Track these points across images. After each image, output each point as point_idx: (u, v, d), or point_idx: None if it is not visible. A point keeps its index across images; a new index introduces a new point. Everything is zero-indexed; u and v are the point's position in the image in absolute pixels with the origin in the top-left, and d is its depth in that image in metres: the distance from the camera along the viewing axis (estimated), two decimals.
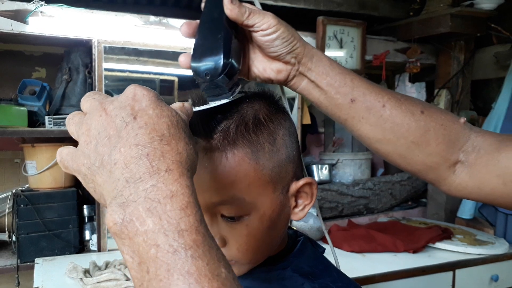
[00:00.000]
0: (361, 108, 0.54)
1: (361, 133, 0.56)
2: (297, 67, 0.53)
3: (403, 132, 0.54)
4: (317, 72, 0.53)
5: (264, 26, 0.50)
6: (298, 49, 0.52)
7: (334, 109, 0.55)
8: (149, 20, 1.74)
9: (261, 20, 0.49)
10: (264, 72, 0.54)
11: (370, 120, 0.54)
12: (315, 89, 0.55)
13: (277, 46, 0.51)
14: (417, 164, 0.56)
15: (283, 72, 0.54)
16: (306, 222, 1.90)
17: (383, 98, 0.54)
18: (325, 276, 0.54)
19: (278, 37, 0.50)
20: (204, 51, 0.48)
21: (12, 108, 1.57)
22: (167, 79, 2.22)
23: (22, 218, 1.60)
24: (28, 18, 1.53)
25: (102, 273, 1.38)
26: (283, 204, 0.51)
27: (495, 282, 1.80)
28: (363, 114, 0.54)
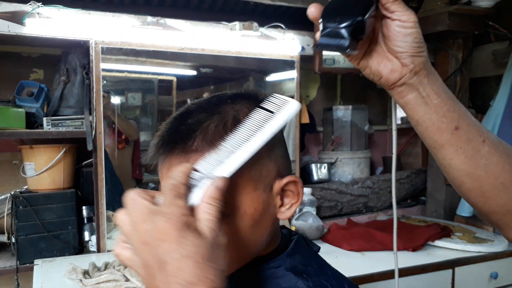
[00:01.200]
0: (463, 138, 0.52)
1: (453, 163, 0.54)
2: (412, 75, 0.51)
3: (496, 171, 0.53)
4: (430, 90, 0.51)
5: (404, 18, 0.48)
6: (421, 58, 0.50)
7: (434, 132, 0.53)
8: (146, 20, 1.74)
9: (404, 10, 0.48)
10: (378, 64, 0.52)
11: (467, 152, 0.53)
12: (422, 105, 0.52)
13: (407, 42, 0.49)
14: (497, 206, 0.55)
15: (396, 73, 0.52)
16: (305, 221, 1.90)
17: (484, 134, 0.53)
18: (319, 275, 0.54)
19: (411, 34, 0.49)
20: (343, 6, 0.48)
21: (10, 109, 1.57)
22: (165, 79, 2.22)
23: (21, 220, 1.60)
24: (25, 19, 1.53)
25: (101, 274, 1.39)
26: (267, 202, 0.51)
27: (495, 280, 1.81)
28: (462, 145, 0.52)
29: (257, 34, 1.92)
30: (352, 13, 0.46)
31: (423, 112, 0.53)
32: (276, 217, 0.54)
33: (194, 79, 2.24)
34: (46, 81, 1.80)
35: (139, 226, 0.40)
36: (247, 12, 2.05)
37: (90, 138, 1.65)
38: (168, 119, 0.53)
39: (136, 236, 0.40)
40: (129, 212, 0.41)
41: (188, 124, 0.50)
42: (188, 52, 1.86)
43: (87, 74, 1.71)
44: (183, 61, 2.10)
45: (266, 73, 2.26)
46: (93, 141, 1.65)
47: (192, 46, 1.84)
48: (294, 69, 2.07)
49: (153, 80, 2.20)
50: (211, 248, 0.39)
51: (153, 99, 2.24)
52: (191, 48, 1.85)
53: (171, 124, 0.52)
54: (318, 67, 2.05)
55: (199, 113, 0.51)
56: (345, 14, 0.47)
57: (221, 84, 2.38)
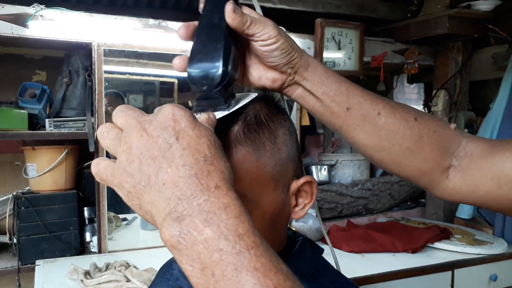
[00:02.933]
0: (357, 116, 0.54)
1: (356, 140, 0.56)
2: (293, 77, 0.54)
3: (398, 139, 0.55)
4: (312, 81, 0.54)
5: (264, 37, 0.50)
6: (295, 60, 0.52)
7: (329, 117, 0.55)
8: (148, 23, 1.75)
9: (261, 30, 0.49)
10: (259, 80, 0.54)
11: (366, 128, 0.55)
12: (309, 97, 0.55)
13: (276, 57, 0.51)
14: (411, 170, 0.57)
15: (278, 81, 0.54)
16: (305, 223, 1.91)
17: (378, 106, 0.55)
18: (323, 277, 0.55)
19: (277, 48, 0.50)
20: (202, 58, 0.47)
21: (12, 111, 1.58)
22: (167, 81, 2.23)
23: (22, 220, 1.61)
24: (28, 21, 1.54)
25: (102, 274, 1.39)
26: (284, 202, 0.52)
27: (494, 282, 1.81)
28: (359, 122, 0.55)
29: None
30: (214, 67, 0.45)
31: (313, 102, 0.55)
32: (290, 217, 0.55)
33: None
34: (49, 83, 1.81)
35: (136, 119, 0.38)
36: None
37: (92, 139, 1.66)
38: None
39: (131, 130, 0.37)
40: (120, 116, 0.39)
41: None
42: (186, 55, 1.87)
43: (89, 76, 1.72)
44: None
45: None
46: (95, 143, 1.66)
47: None
48: None
49: (155, 82, 2.21)
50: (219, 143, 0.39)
51: (155, 101, 2.25)
52: None
53: None
54: None
55: None
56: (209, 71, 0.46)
57: None
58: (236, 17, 0.48)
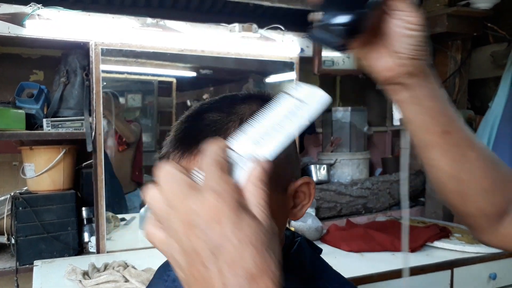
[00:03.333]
0: (451, 142, 0.52)
1: (437, 164, 0.54)
2: (408, 77, 0.50)
3: (479, 176, 0.53)
4: (425, 92, 0.51)
5: (410, 19, 0.46)
6: (422, 61, 0.49)
7: (424, 133, 0.53)
8: (146, 22, 1.74)
9: (411, 11, 0.46)
10: (376, 59, 0.50)
11: (454, 156, 0.53)
12: (414, 105, 0.52)
13: (408, 44, 0.47)
14: (472, 209, 0.55)
15: (391, 72, 0.50)
16: (304, 222, 1.91)
17: (472, 141, 0.53)
18: (322, 278, 0.54)
19: (414, 37, 0.47)
20: None
21: (10, 111, 1.58)
22: (165, 81, 2.22)
23: (20, 221, 1.60)
24: (25, 21, 1.53)
25: (101, 275, 1.39)
26: (282, 203, 0.51)
27: (493, 281, 1.81)
28: (450, 148, 0.53)
29: (257, 36, 1.92)
30: (351, 7, 0.44)
31: (415, 112, 0.52)
32: (287, 218, 0.54)
33: (194, 81, 2.25)
34: (46, 83, 1.81)
35: (181, 203, 0.34)
36: (246, 14, 2.06)
37: (90, 139, 1.65)
38: (181, 118, 0.52)
39: (176, 215, 0.34)
40: (166, 188, 0.35)
41: (205, 124, 0.49)
42: (188, 54, 1.86)
43: (87, 76, 1.71)
44: (183, 62, 2.11)
45: (265, 74, 2.26)
46: (92, 142, 1.66)
47: (191, 47, 1.85)
48: (293, 70, 2.08)
49: (153, 82, 2.21)
50: (269, 235, 0.34)
51: (153, 101, 2.24)
52: (191, 50, 1.85)
53: (186, 123, 0.51)
54: (317, 68, 2.05)
55: (215, 112, 0.50)
56: (344, 7, 0.44)
57: (221, 85, 2.39)
58: None
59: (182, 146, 0.49)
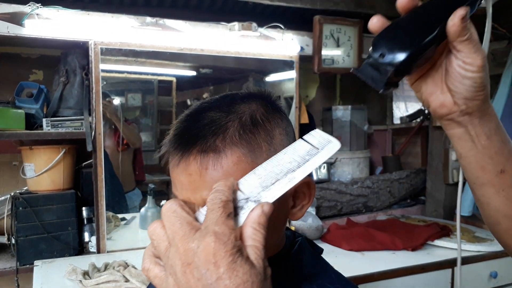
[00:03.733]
0: (507, 182, 0.51)
1: (492, 203, 0.53)
2: (462, 115, 0.49)
3: None
4: (480, 131, 0.50)
5: (468, 60, 0.45)
6: (477, 102, 0.48)
7: (478, 170, 0.52)
8: (145, 21, 1.74)
9: (471, 52, 0.45)
10: (430, 94, 0.50)
11: (509, 196, 0.52)
12: (468, 142, 0.51)
13: (464, 85, 0.47)
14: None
15: (445, 109, 0.50)
16: (305, 222, 1.90)
17: None
18: (323, 277, 0.54)
19: (472, 79, 0.46)
20: (399, 35, 0.44)
21: (9, 110, 1.57)
22: (165, 80, 2.22)
23: (21, 221, 1.60)
24: (24, 20, 1.53)
25: (101, 274, 1.39)
26: (281, 203, 0.51)
27: (494, 279, 1.81)
28: (505, 188, 0.52)
29: (256, 34, 1.92)
30: (402, 48, 0.42)
31: (469, 149, 0.51)
32: (287, 218, 0.54)
33: (194, 80, 2.25)
34: (46, 82, 1.80)
35: (181, 243, 0.36)
36: (246, 13, 2.05)
37: (90, 139, 1.65)
38: (181, 117, 0.52)
39: (175, 254, 0.36)
40: (168, 226, 0.37)
41: (205, 123, 0.49)
42: (188, 53, 1.86)
43: (87, 75, 1.71)
44: (182, 61, 2.10)
45: (265, 73, 2.26)
46: (92, 142, 1.65)
47: (191, 46, 1.84)
48: (293, 69, 2.08)
49: (153, 81, 2.20)
50: (262, 278, 0.36)
51: (153, 100, 2.24)
52: (191, 49, 1.85)
53: (186, 122, 0.51)
54: (317, 67, 2.05)
55: (215, 112, 0.50)
56: (396, 47, 0.43)
57: (221, 84, 2.38)
58: (459, 26, 0.43)
59: (181, 146, 0.49)
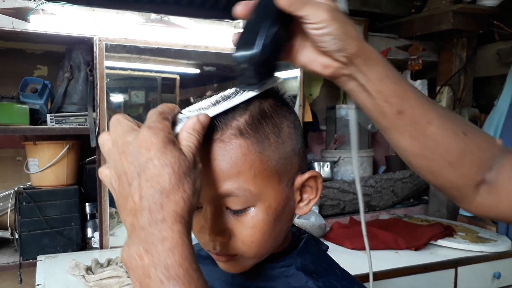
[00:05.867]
0: (406, 121, 0.52)
1: (399, 145, 0.54)
2: (347, 67, 0.50)
3: (442, 151, 0.53)
4: (369, 77, 0.50)
5: (314, 20, 0.46)
6: (350, 49, 0.48)
7: (379, 116, 0.53)
8: (150, 17, 1.74)
9: (312, 12, 0.46)
10: (311, 63, 0.51)
11: (412, 134, 0.52)
12: (362, 92, 0.52)
13: (326, 42, 0.48)
14: (445, 182, 0.55)
15: (330, 68, 0.51)
16: (307, 219, 1.90)
17: (430, 114, 0.52)
18: (329, 275, 0.54)
19: (328, 34, 0.47)
20: (245, 37, 0.47)
21: (14, 106, 1.58)
22: (168, 77, 2.22)
23: (24, 216, 1.60)
24: (29, 16, 1.53)
25: (104, 270, 1.39)
26: (288, 197, 0.51)
27: (498, 280, 1.80)
28: (407, 127, 0.52)
29: None
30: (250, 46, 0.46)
31: (364, 98, 0.52)
32: (294, 213, 0.54)
33: (197, 78, 2.24)
34: (50, 78, 1.81)
35: (120, 139, 0.41)
36: None
37: (94, 134, 1.65)
38: None
39: (115, 149, 0.41)
40: (111, 130, 0.42)
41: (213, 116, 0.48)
42: (192, 50, 1.86)
43: (91, 71, 1.71)
44: (186, 59, 2.10)
45: None
46: (96, 138, 1.65)
47: (195, 43, 1.84)
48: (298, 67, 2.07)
49: (156, 78, 2.20)
50: (190, 166, 0.41)
51: (156, 97, 2.24)
52: (195, 46, 1.85)
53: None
54: None
55: None
56: (246, 47, 0.46)
57: (224, 82, 2.38)
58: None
59: None
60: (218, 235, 0.49)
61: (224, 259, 0.51)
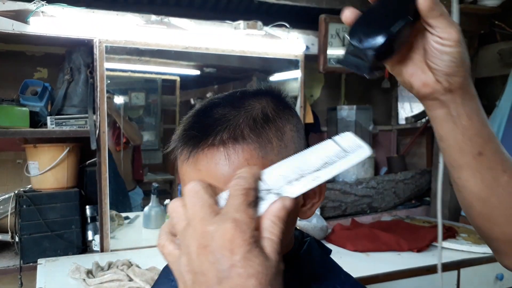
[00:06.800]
0: (484, 165, 0.51)
1: (468, 185, 0.53)
2: (446, 93, 0.49)
3: (509, 203, 0.52)
4: (461, 111, 0.49)
5: (444, 35, 0.45)
6: (459, 78, 0.47)
7: (456, 152, 0.51)
8: (150, 19, 1.74)
9: (445, 27, 0.45)
10: (411, 75, 0.50)
11: (485, 179, 0.51)
12: (449, 123, 0.50)
13: (443, 61, 0.46)
14: (501, 234, 0.54)
15: (428, 88, 0.49)
16: (309, 222, 1.89)
17: (507, 164, 0.52)
18: (332, 278, 0.53)
19: (450, 53, 0.46)
20: (374, 20, 0.44)
21: (14, 108, 1.57)
22: (169, 79, 2.21)
23: (24, 219, 1.59)
24: (29, 18, 1.53)
25: (105, 273, 1.38)
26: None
27: (500, 281, 1.79)
28: (482, 171, 0.51)
29: (261, 33, 1.91)
30: (379, 31, 0.43)
31: (449, 130, 0.51)
32: (297, 217, 0.53)
33: (198, 79, 2.24)
34: (50, 80, 1.80)
35: (200, 225, 0.36)
36: (251, 11, 2.04)
37: (94, 137, 1.64)
38: (190, 112, 0.51)
39: (193, 235, 0.36)
40: (189, 206, 0.37)
41: (215, 118, 0.48)
42: (192, 51, 1.85)
43: (91, 73, 1.70)
44: (186, 60, 2.09)
45: (270, 72, 2.25)
46: (97, 140, 1.65)
47: (196, 45, 1.84)
48: (298, 68, 2.06)
49: (157, 80, 2.20)
50: (275, 272, 0.36)
51: (157, 99, 2.23)
52: (195, 47, 1.84)
53: (196, 118, 0.50)
54: (322, 66, 2.04)
55: (225, 107, 0.49)
56: (373, 31, 0.43)
57: (225, 83, 2.37)
58: (430, 1, 0.44)
59: (191, 141, 0.48)
60: None
61: None
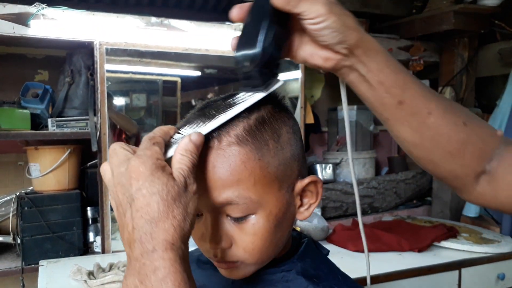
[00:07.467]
0: (407, 112, 0.52)
1: (400, 135, 0.54)
2: (348, 58, 0.50)
3: (442, 142, 0.53)
4: (369, 68, 0.50)
5: (311, 15, 0.46)
6: (350, 40, 0.48)
7: (380, 107, 0.53)
8: (150, 21, 1.74)
9: (308, 8, 0.46)
10: (312, 57, 0.51)
11: (413, 125, 0.52)
12: (363, 83, 0.51)
13: (326, 35, 0.48)
14: (446, 172, 0.56)
15: (331, 61, 0.50)
16: (310, 222, 1.89)
17: (431, 105, 0.52)
18: (329, 279, 0.53)
19: (326, 27, 0.47)
20: (245, 39, 0.47)
21: (15, 111, 1.58)
22: (169, 80, 2.22)
23: (26, 221, 1.60)
24: (30, 21, 1.53)
25: (106, 275, 1.38)
26: (289, 203, 0.51)
27: (502, 281, 1.79)
28: (407, 118, 0.52)
29: None
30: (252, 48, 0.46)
31: (366, 90, 0.52)
32: (295, 218, 0.53)
33: (199, 80, 2.24)
34: (51, 82, 1.81)
35: (115, 170, 0.42)
36: None
37: (95, 139, 1.65)
38: (193, 110, 0.52)
39: (111, 180, 0.43)
40: (110, 160, 0.44)
41: None
42: (192, 53, 1.86)
43: (92, 75, 1.71)
44: (187, 62, 2.10)
45: None
46: (97, 142, 1.65)
47: (196, 46, 1.84)
48: (299, 69, 2.06)
49: (158, 81, 2.20)
50: (180, 190, 0.41)
51: (158, 100, 2.24)
52: (196, 49, 1.85)
53: (193, 120, 0.51)
54: None
55: None
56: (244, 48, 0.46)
57: (225, 84, 2.38)
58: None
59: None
60: (218, 243, 0.49)
61: (225, 266, 0.51)
